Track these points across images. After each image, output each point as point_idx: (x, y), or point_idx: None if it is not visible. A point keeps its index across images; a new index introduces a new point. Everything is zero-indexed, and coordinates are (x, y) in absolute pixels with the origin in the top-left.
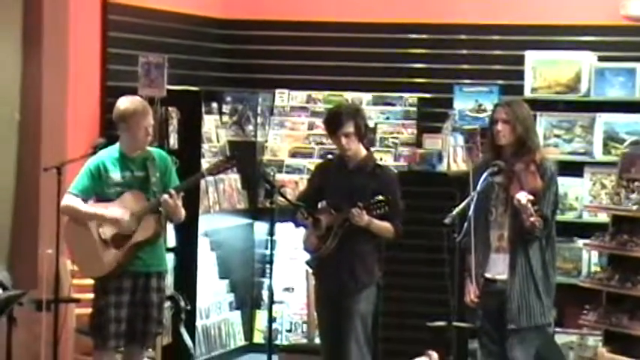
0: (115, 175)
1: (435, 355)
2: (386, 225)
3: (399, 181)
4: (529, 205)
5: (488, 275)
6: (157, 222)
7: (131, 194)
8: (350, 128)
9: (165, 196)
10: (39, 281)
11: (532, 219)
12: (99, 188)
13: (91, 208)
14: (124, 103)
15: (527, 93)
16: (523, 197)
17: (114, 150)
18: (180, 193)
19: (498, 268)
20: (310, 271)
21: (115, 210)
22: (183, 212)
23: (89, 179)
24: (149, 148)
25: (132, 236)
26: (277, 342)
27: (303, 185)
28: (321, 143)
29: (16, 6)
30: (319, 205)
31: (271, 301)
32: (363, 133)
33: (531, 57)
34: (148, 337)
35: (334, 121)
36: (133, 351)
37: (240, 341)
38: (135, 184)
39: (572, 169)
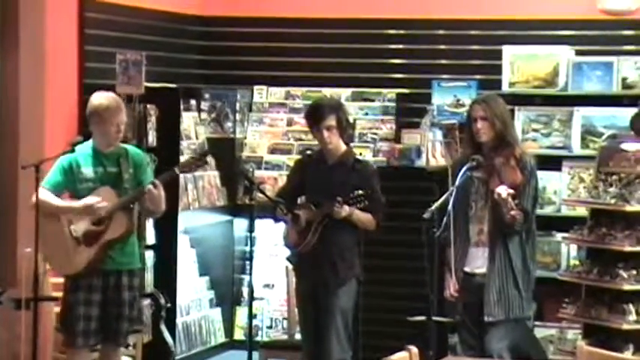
0: (87, 170)
1: (414, 349)
2: (367, 216)
3: (379, 176)
4: (509, 199)
5: (467, 269)
6: (128, 219)
7: (103, 191)
8: (332, 121)
9: (150, 186)
10: (18, 280)
11: (512, 212)
12: (71, 184)
13: (63, 201)
14: (97, 98)
15: (505, 87)
16: (503, 191)
17: (87, 146)
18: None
19: (477, 262)
20: (291, 266)
21: (89, 198)
22: (164, 204)
23: (61, 174)
24: (123, 145)
25: (104, 234)
26: (258, 338)
27: (282, 181)
28: (300, 139)
29: None
30: (299, 201)
31: (251, 298)
32: (344, 128)
33: (509, 51)
34: (121, 336)
35: (316, 114)
36: (107, 350)
37: (221, 338)
38: (107, 180)
39: (551, 163)
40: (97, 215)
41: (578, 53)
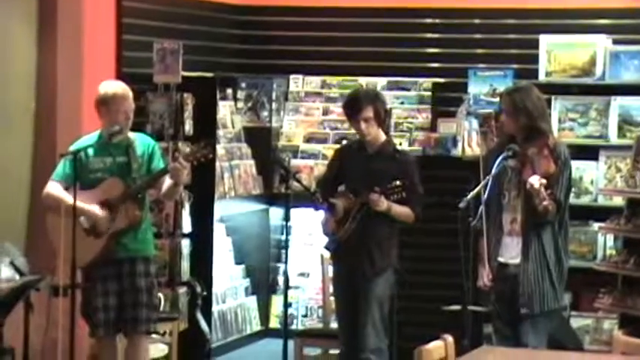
0: (96, 160)
1: (450, 338)
2: (405, 209)
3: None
4: (542, 189)
5: (501, 259)
6: (135, 209)
7: (111, 181)
8: (369, 113)
9: (175, 164)
10: (55, 267)
11: (545, 203)
12: (80, 174)
13: (70, 198)
14: (105, 87)
15: (542, 77)
16: (536, 181)
17: (95, 135)
18: (159, 178)
19: (511, 252)
20: (327, 255)
21: (94, 207)
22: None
23: (70, 166)
24: (131, 134)
25: (111, 225)
26: (293, 327)
27: (318, 170)
28: (336, 128)
29: None
30: (338, 189)
31: (287, 286)
32: (383, 118)
33: (546, 40)
34: (140, 323)
35: (353, 105)
36: (131, 339)
37: (257, 326)
38: (116, 170)
39: (588, 152)
40: (98, 229)
41: (616, 42)
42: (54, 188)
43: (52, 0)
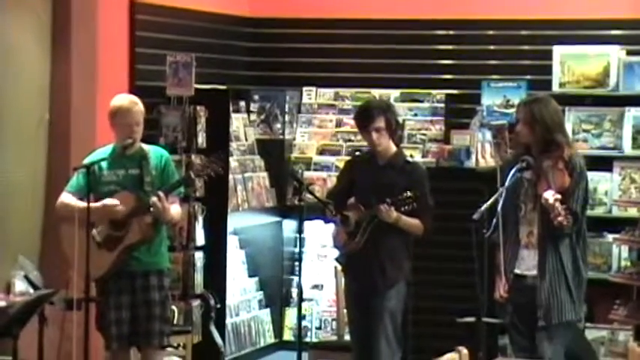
0: (109, 172)
1: (464, 351)
2: (415, 221)
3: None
4: (557, 204)
5: (517, 271)
6: (147, 224)
7: (122, 195)
8: (381, 123)
9: (154, 198)
10: (69, 280)
11: (560, 219)
12: (93, 186)
13: (83, 204)
14: (114, 100)
15: (556, 88)
16: (550, 197)
17: (109, 148)
18: (168, 194)
19: (528, 264)
20: (339, 267)
21: (107, 200)
22: (173, 214)
23: (84, 177)
24: (145, 146)
25: (124, 238)
26: (307, 339)
27: (331, 182)
28: (349, 140)
29: (45, 8)
30: (349, 201)
31: (300, 299)
32: (394, 129)
33: (559, 52)
34: (154, 336)
35: (365, 116)
36: (145, 352)
37: (270, 339)
38: (129, 182)
39: (602, 163)
40: (114, 216)
41: (629, 53)
42: (67, 198)
43: (66, 13)
